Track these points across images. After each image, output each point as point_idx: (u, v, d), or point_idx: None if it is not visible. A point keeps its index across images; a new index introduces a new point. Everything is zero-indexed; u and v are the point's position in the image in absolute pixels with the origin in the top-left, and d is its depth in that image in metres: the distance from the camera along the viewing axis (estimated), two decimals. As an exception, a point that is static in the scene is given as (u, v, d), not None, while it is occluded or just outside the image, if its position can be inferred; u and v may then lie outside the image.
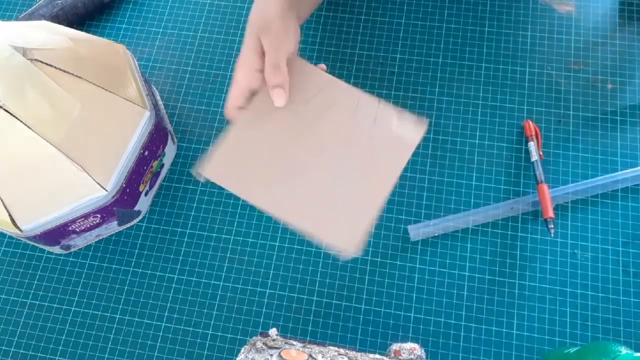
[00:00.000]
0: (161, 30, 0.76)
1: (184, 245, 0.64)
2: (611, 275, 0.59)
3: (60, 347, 0.61)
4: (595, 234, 0.61)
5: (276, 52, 0.47)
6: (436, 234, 0.62)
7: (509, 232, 0.62)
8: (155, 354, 0.60)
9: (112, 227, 0.63)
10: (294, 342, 0.52)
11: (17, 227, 0.55)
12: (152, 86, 0.69)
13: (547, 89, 0.68)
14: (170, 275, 0.63)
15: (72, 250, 0.64)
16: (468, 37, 0.71)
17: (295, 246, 0.63)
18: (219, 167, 0.46)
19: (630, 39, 0.70)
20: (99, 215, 0.59)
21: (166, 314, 0.61)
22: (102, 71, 0.58)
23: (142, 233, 0.65)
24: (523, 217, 0.62)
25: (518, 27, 0.71)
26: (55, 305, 0.63)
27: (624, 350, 0.43)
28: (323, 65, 0.50)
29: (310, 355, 0.49)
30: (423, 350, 0.53)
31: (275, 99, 0.47)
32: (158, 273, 0.63)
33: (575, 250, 0.61)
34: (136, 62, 0.63)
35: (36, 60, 0.53)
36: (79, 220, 0.58)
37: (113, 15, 0.77)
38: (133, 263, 0.64)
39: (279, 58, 0.47)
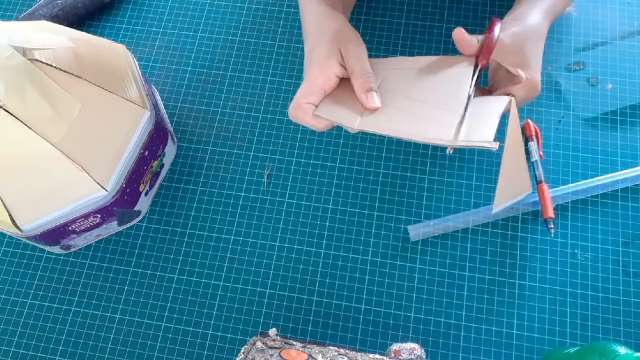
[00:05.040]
0: (161, 30, 0.76)
1: (184, 245, 0.64)
2: (611, 275, 0.59)
3: (60, 347, 0.61)
4: (595, 234, 0.61)
5: (363, 60, 0.51)
6: (436, 234, 0.62)
7: (509, 232, 0.62)
8: (155, 354, 0.60)
9: (112, 227, 0.63)
10: (294, 342, 0.52)
11: (17, 227, 0.55)
12: (152, 86, 0.69)
13: (547, 89, 0.68)
14: (170, 275, 0.63)
15: (72, 250, 0.64)
16: (468, 37, 0.71)
17: (295, 246, 0.63)
18: (327, 107, 0.51)
19: (630, 39, 0.70)
20: (99, 215, 0.59)
21: (166, 314, 0.61)
22: (102, 71, 0.58)
23: (142, 233, 0.65)
24: (523, 217, 0.62)
25: (518, 27, 0.71)
26: (55, 305, 0.63)
27: (623, 350, 0.44)
28: None
29: (310, 355, 0.49)
30: (423, 350, 0.53)
31: (369, 100, 0.50)
32: (158, 273, 0.63)
33: (575, 250, 0.61)
34: (136, 62, 0.63)
35: (36, 60, 0.53)
36: (79, 220, 0.58)
37: (113, 15, 0.77)
38: (133, 263, 0.64)
39: (366, 65, 0.51)
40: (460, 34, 0.51)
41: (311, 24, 0.55)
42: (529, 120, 0.65)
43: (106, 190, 0.56)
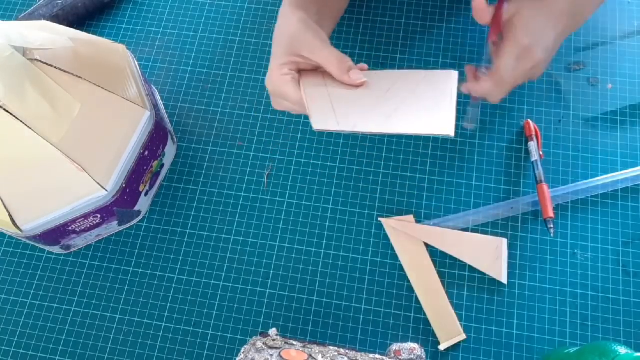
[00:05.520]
0: (161, 30, 0.76)
1: (184, 245, 0.64)
2: (611, 275, 0.59)
3: (60, 347, 0.61)
4: (595, 234, 0.61)
5: (328, 48, 0.51)
6: (436, 234, 0.62)
7: (509, 232, 0.62)
8: (155, 354, 0.60)
9: (112, 227, 0.63)
10: (294, 342, 0.52)
11: (17, 227, 0.55)
12: (152, 86, 0.69)
13: (547, 89, 0.68)
14: (170, 275, 0.63)
15: (72, 250, 0.64)
16: (468, 37, 0.71)
17: (295, 246, 0.63)
18: (320, 118, 0.52)
19: (630, 39, 0.70)
20: (99, 215, 0.59)
21: (166, 314, 0.61)
22: (102, 71, 0.58)
23: (142, 233, 0.65)
24: (523, 217, 0.62)
25: (518, 27, 0.71)
26: (55, 305, 0.63)
27: (623, 350, 0.44)
28: (364, 65, 0.53)
29: (310, 355, 0.49)
30: (423, 350, 0.53)
31: (353, 78, 0.50)
32: (158, 273, 0.63)
33: (575, 250, 0.61)
34: (136, 62, 0.63)
35: (36, 60, 0.53)
36: (79, 220, 0.58)
37: (113, 15, 0.77)
38: (133, 263, 0.64)
39: (334, 50, 0.51)
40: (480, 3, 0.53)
41: (277, 27, 0.54)
42: (529, 120, 0.65)
43: (106, 190, 0.56)
